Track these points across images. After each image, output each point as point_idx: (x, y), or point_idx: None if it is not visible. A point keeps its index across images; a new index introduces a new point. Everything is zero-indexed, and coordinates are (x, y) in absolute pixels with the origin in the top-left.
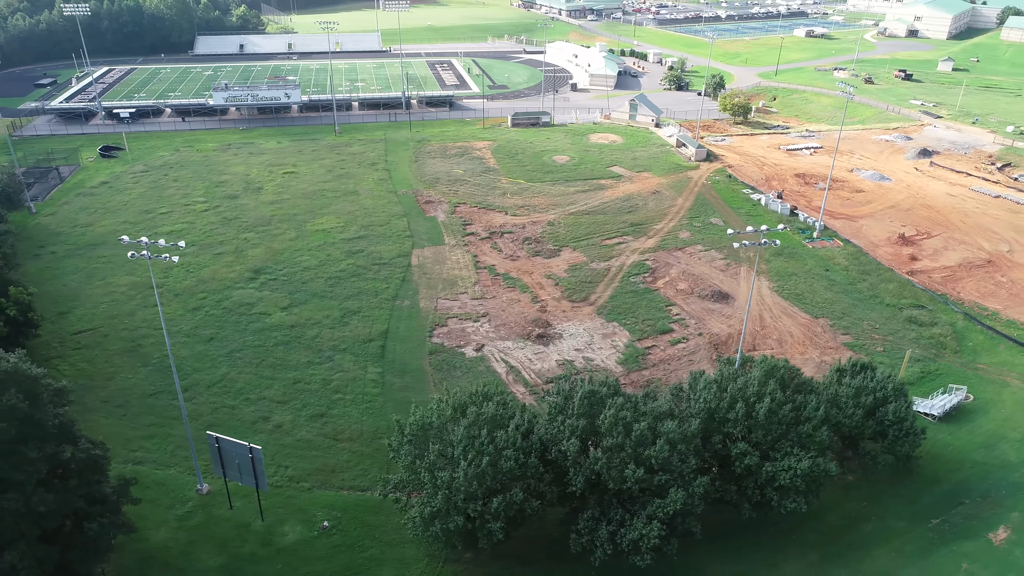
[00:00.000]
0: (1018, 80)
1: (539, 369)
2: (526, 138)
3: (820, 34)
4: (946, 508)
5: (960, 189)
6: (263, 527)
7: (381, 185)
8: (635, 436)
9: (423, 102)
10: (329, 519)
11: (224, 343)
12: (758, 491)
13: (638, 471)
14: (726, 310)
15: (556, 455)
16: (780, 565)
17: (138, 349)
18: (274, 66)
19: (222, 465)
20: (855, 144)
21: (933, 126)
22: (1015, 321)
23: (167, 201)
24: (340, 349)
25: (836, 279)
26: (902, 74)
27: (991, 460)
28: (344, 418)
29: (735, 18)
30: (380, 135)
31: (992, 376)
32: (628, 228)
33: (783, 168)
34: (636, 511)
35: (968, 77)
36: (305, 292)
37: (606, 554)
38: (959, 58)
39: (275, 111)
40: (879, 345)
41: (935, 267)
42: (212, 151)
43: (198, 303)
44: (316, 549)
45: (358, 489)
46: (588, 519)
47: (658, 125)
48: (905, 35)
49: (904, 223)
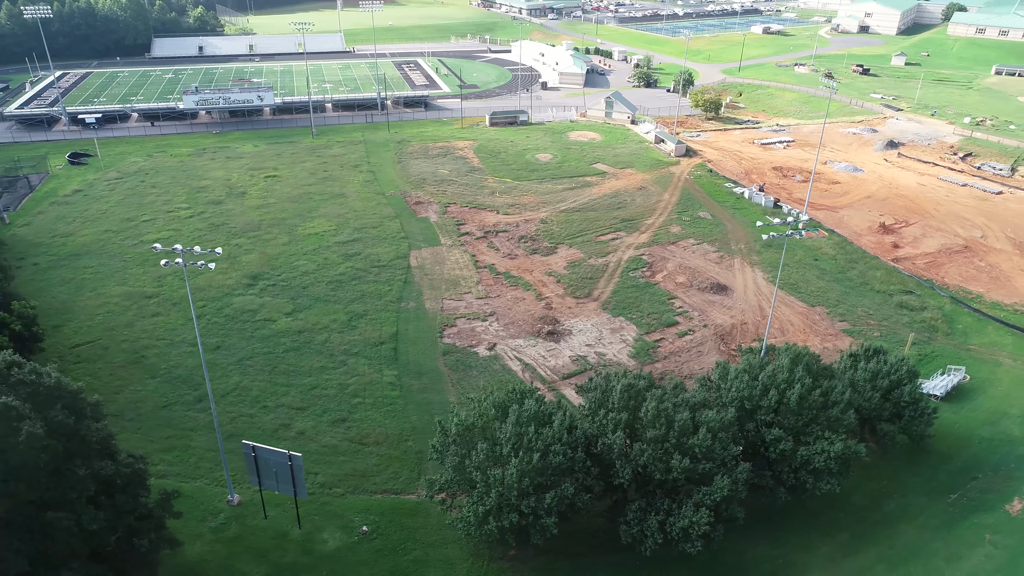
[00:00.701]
0: (967, 73)
1: (554, 366)
2: (506, 137)
3: (776, 31)
4: (962, 483)
5: (929, 179)
6: (301, 535)
7: (368, 187)
8: (678, 427)
9: (398, 103)
10: (367, 524)
11: (232, 351)
12: (792, 475)
13: (684, 461)
14: (726, 301)
15: (602, 448)
16: (814, 547)
17: (142, 361)
18: (236, 68)
19: (258, 474)
20: (825, 138)
21: (895, 119)
22: (998, 303)
23: (148, 208)
24: (352, 353)
25: (826, 268)
26: (859, 69)
27: (996, 436)
28: (367, 422)
29: (692, 16)
30: (358, 137)
31: (984, 356)
32: (620, 224)
33: (760, 162)
34: (681, 500)
35: (921, 71)
36: (307, 297)
37: (656, 543)
38: (910, 53)
39: (247, 114)
40: (875, 330)
41: (917, 254)
42: (187, 156)
43: (198, 311)
44: (358, 554)
45: (392, 492)
46: (636, 510)
47: (634, 122)
48: (857, 31)
49: (882, 212)
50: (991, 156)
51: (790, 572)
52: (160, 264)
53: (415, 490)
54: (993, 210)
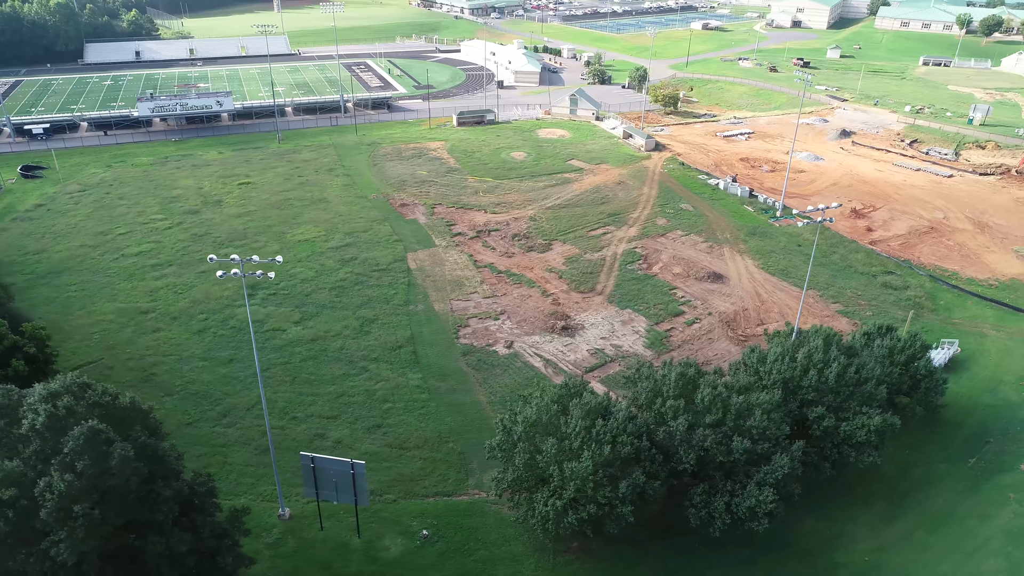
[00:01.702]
0: (899, 64)
1: (574, 360)
2: (477, 137)
3: (715, 27)
4: (976, 448)
5: (885, 165)
6: (362, 544)
7: (347, 191)
8: (734, 410)
9: (360, 105)
10: (426, 527)
11: (246, 364)
12: (835, 450)
13: (744, 442)
14: (724, 289)
15: (664, 435)
16: (856, 517)
17: (153, 379)
18: (180, 73)
19: (315, 485)
20: (781, 128)
21: (843, 109)
22: (974, 279)
23: (121, 221)
24: (371, 359)
25: (809, 252)
26: (800, 62)
27: (998, 402)
28: (403, 427)
29: (632, 13)
30: (327, 140)
31: (969, 329)
32: (608, 219)
33: (727, 154)
34: (741, 480)
35: (855, 63)
36: (313, 304)
37: (725, 523)
38: (844, 46)
39: (205, 120)
40: (867, 310)
41: (889, 236)
42: (150, 165)
43: (201, 324)
44: (424, 558)
45: (443, 495)
46: (701, 493)
47: (599, 119)
48: (790, 26)
49: (850, 198)
50: (935, 142)
51: (839, 542)
52: (153, 276)
53: (466, 490)
54: (948, 192)
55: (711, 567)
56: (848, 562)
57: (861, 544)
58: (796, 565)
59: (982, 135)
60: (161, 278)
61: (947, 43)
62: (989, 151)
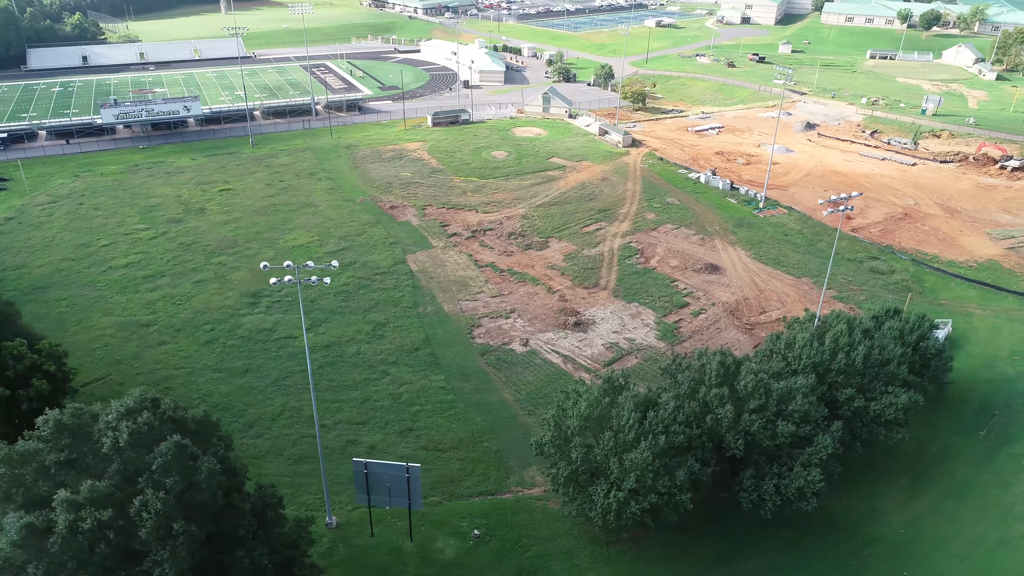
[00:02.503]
0: (848, 58)
1: (591, 355)
2: (454, 137)
3: (668, 24)
4: (984, 420)
5: (852, 155)
6: (415, 548)
7: (334, 195)
8: (776, 395)
9: (331, 107)
10: (477, 527)
11: (263, 373)
12: (865, 429)
13: (788, 426)
14: (722, 280)
15: (712, 423)
16: (884, 493)
17: (168, 393)
18: (132, 78)
19: (367, 491)
20: (749, 122)
21: (803, 102)
22: (954, 261)
23: (101, 232)
24: (390, 362)
25: (797, 242)
26: (756, 57)
27: (996, 377)
28: (434, 429)
29: (586, 11)
30: (302, 144)
31: (957, 309)
32: (598, 215)
33: (701, 148)
34: (786, 463)
35: (807, 58)
36: (320, 311)
37: (775, 505)
38: (794, 41)
39: (172, 126)
40: (860, 295)
41: (868, 223)
42: (120, 174)
43: (208, 336)
44: (480, 558)
45: (487, 494)
46: (750, 477)
47: (572, 116)
48: (740, 22)
49: (825, 188)
50: (893, 132)
51: (873, 517)
52: (149, 288)
53: (509, 488)
54: (914, 180)
55: (759, 549)
56: (885, 536)
57: (894, 517)
58: (837, 541)
59: (936, 125)
60: (156, 289)
61: (890, 37)
62: (944, 140)
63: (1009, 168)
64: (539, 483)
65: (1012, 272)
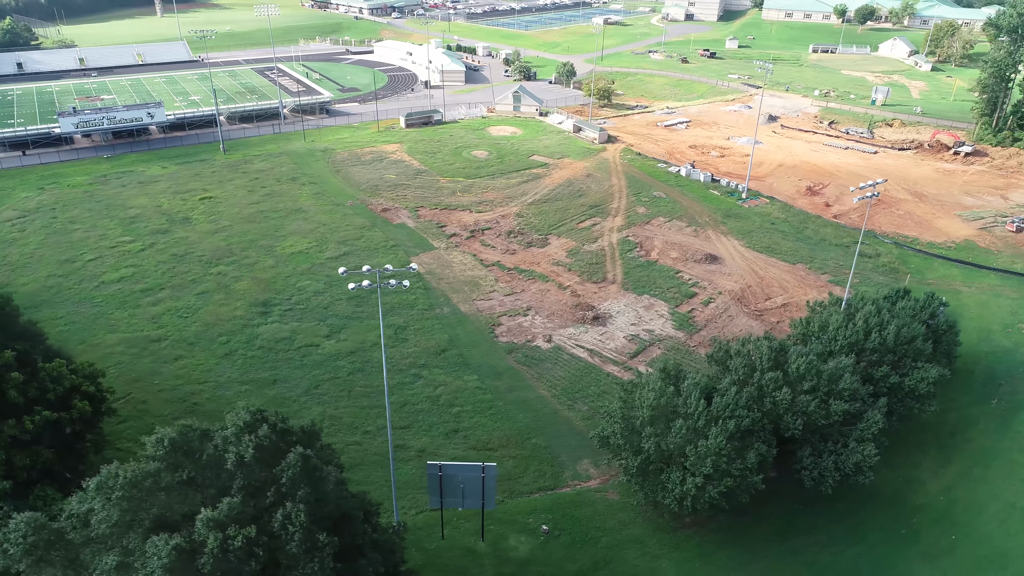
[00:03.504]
0: (792, 52)
1: (615, 348)
2: (431, 137)
3: (615, 22)
4: (992, 391)
5: (816, 145)
6: (488, 547)
7: (321, 199)
8: (826, 376)
9: (298, 110)
10: (544, 523)
11: (292, 383)
12: (900, 404)
13: (841, 404)
14: (723, 269)
15: (769, 405)
16: (918, 463)
17: (197, 409)
18: (76, 85)
19: (440, 494)
20: (714, 116)
21: (760, 95)
22: (933, 242)
23: (84, 246)
24: (419, 365)
25: (785, 230)
26: (707, 53)
27: (995, 349)
28: (480, 428)
29: (532, 10)
30: (274, 148)
31: (944, 287)
32: (591, 210)
33: (674, 142)
34: (840, 440)
35: (753, 52)
36: (336, 317)
37: (835, 480)
38: (739, 37)
39: (135, 134)
40: (856, 277)
41: (846, 210)
42: (89, 185)
43: (225, 348)
44: (553, 552)
45: (546, 489)
46: (808, 455)
47: (543, 114)
48: (684, 19)
49: (800, 178)
50: (849, 122)
51: (913, 487)
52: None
53: (567, 483)
54: (879, 168)
55: (815, 524)
56: (926, 503)
57: (930, 486)
58: (885, 511)
59: (887, 114)
60: (158, 303)
61: (828, 31)
62: (896, 128)
63: (962, 154)
64: (594, 475)
65: (988, 251)
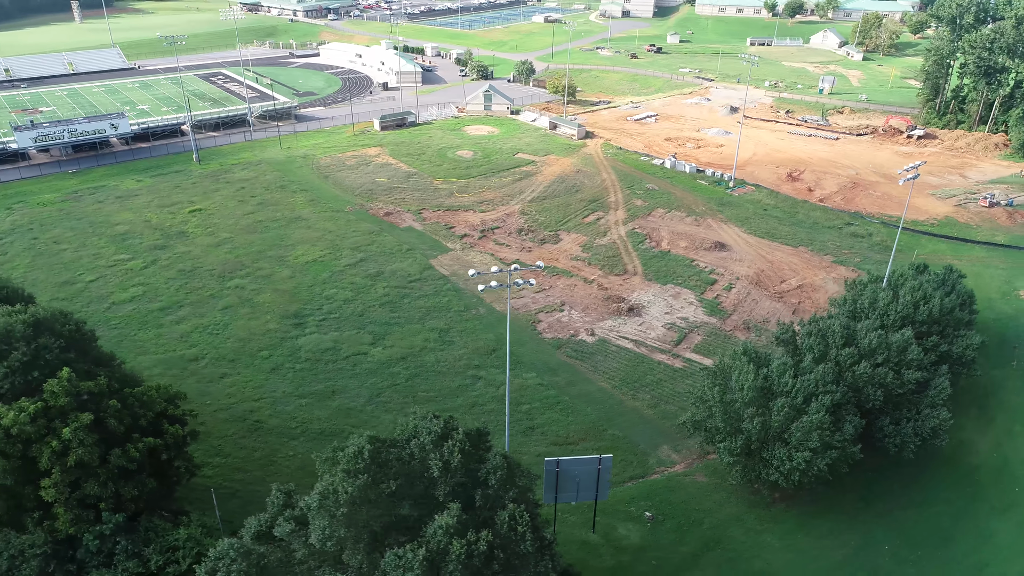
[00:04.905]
0: (732, 46)
1: (657, 337)
2: (410, 139)
3: (554, 20)
4: (1009, 353)
5: (781, 134)
6: (599, 538)
7: (318, 206)
8: (896, 347)
9: (265, 116)
10: (647, 510)
11: (352, 393)
12: (950, 370)
13: (914, 374)
14: (733, 256)
15: (851, 379)
16: (964, 424)
17: (260, 426)
18: (6, 97)
19: (555, 489)
20: (678, 109)
21: (715, 87)
22: (916, 220)
23: (78, 266)
24: (474, 365)
25: (779, 215)
26: (653, 48)
27: (998, 315)
28: (554, 424)
29: (470, 9)
30: (251, 157)
31: (936, 261)
32: (591, 205)
33: (649, 136)
34: (911, 407)
35: (695, 47)
36: (375, 324)
37: (916, 445)
38: (679, 32)
39: (98, 147)
40: (856, 256)
41: (828, 194)
42: (61, 203)
43: (270, 362)
44: (664, 537)
45: (636, 478)
46: (888, 423)
47: (514, 112)
48: (621, 15)
49: (776, 165)
50: (803, 111)
51: (965, 447)
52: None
53: (654, 469)
54: (844, 153)
55: (893, 488)
56: (981, 462)
57: (979, 445)
58: (947, 472)
59: (836, 102)
60: (181, 321)
61: (761, 25)
62: (847, 115)
63: (915, 137)
64: (677, 460)
65: (969, 225)
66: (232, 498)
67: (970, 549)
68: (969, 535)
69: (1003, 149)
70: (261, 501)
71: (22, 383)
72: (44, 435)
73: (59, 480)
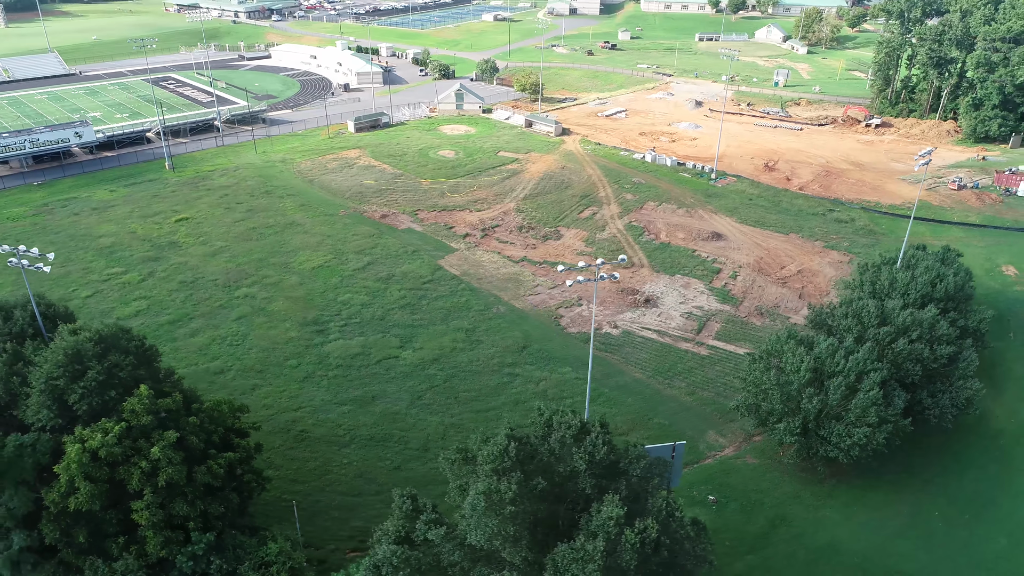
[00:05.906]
0: (682, 41)
1: (677, 326)
2: (388, 140)
3: (505, 18)
4: (1005, 326)
5: (748, 126)
6: None
7: (310, 211)
8: (927, 324)
9: (232, 121)
10: (705, 495)
11: (393, 398)
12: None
13: (946, 348)
14: (731, 245)
15: (892, 356)
16: (995, 395)
17: (306, 436)
18: None
19: None
20: (644, 104)
21: (676, 82)
22: (893, 204)
23: (70, 282)
24: (509, 363)
25: (764, 205)
26: (607, 45)
27: (987, 291)
28: (601, 416)
29: (417, 8)
30: (227, 163)
31: (918, 241)
32: (584, 200)
33: (624, 131)
34: (944, 379)
35: (647, 43)
36: (400, 327)
37: (953, 416)
38: (629, 29)
39: (61, 156)
40: (843, 242)
41: (805, 182)
42: (33, 216)
43: (301, 371)
44: (732, 519)
45: (691, 463)
46: (927, 396)
47: (486, 111)
48: (569, 13)
49: (751, 156)
50: (763, 103)
51: (985, 416)
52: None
53: (706, 455)
54: (811, 143)
55: (930, 458)
56: (1002, 428)
57: (998, 412)
58: (974, 439)
59: (792, 94)
60: (196, 334)
61: (707, 21)
62: (804, 107)
63: (873, 126)
64: (725, 444)
65: (943, 208)
66: (296, 509)
67: (1012, 509)
68: (1008, 496)
69: (955, 135)
70: (327, 512)
71: (99, 403)
72: (130, 456)
73: (151, 501)
